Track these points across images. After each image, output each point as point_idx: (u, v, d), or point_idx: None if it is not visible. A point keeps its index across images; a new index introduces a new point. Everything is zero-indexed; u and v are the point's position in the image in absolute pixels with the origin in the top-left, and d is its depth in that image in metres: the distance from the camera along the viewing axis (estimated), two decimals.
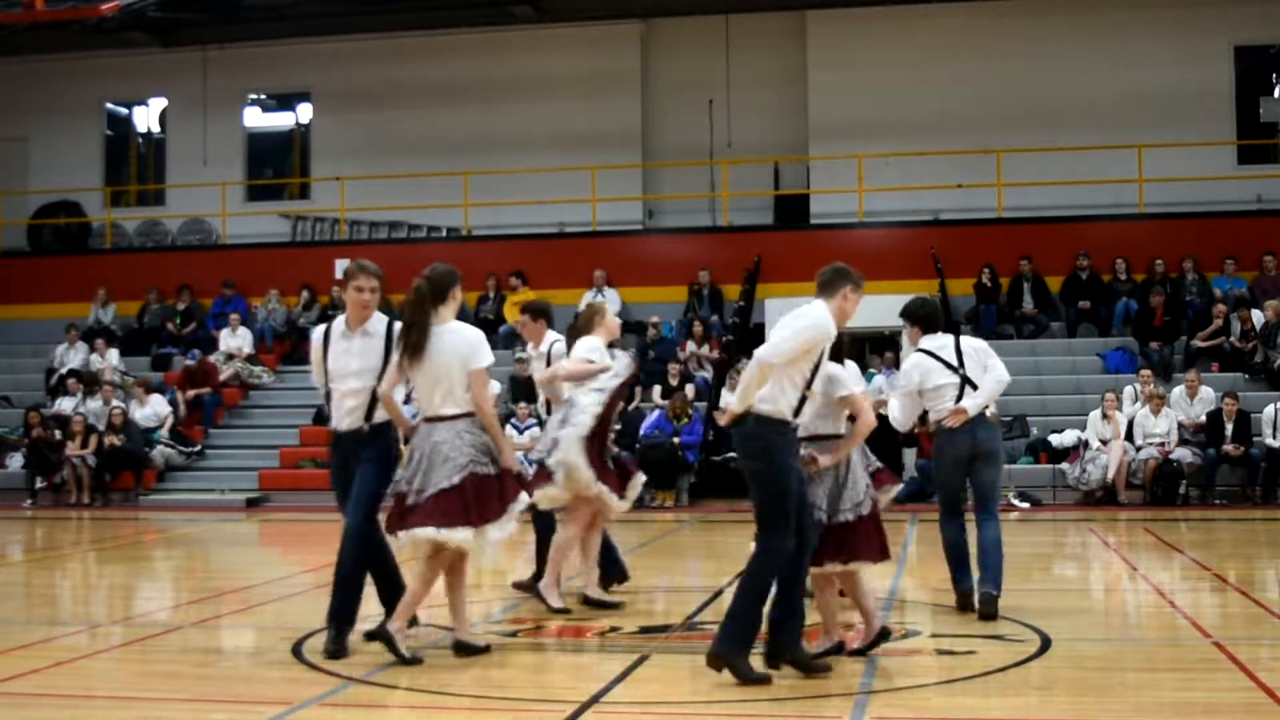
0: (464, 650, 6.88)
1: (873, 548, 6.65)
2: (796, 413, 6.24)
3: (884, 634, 6.87)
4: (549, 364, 8.52)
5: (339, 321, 7.02)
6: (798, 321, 6.25)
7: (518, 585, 9.09)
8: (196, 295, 21.96)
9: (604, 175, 21.49)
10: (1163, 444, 16.14)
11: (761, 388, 6.13)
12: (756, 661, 6.25)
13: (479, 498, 6.55)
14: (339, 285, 7.23)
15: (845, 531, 6.58)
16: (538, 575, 9.02)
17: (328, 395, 7.02)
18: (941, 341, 8.17)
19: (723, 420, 6.56)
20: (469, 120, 22.64)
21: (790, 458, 6.24)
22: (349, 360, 6.92)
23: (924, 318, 8.24)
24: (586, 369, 8.17)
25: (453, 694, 6.19)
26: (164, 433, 18.99)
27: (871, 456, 7.93)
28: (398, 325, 6.94)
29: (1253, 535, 13.72)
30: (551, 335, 8.69)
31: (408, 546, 6.66)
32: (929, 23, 21.47)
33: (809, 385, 6.25)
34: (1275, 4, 20.62)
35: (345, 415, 6.95)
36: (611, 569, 8.87)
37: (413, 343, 6.64)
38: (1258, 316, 18.18)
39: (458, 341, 6.70)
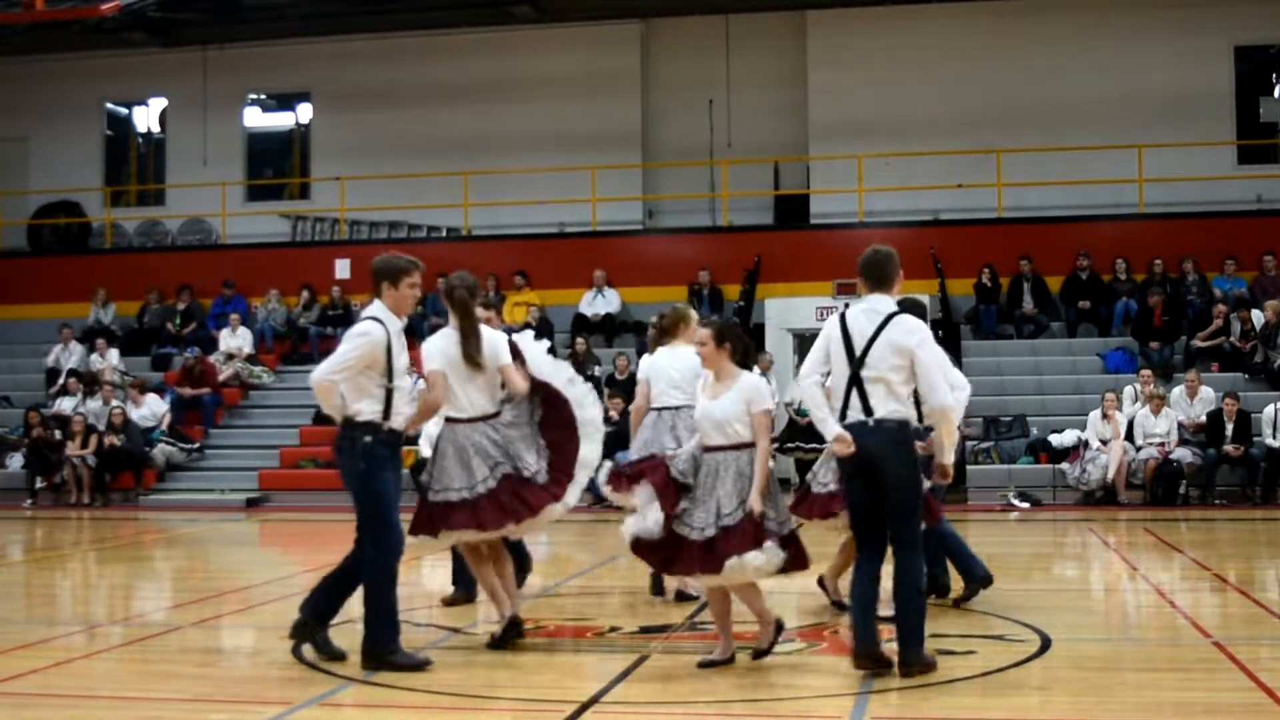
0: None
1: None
2: None
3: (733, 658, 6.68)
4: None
5: (394, 320, 6.82)
6: (925, 347, 6.23)
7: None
8: (196, 295, 21.95)
9: (604, 175, 21.48)
10: (1163, 444, 16.14)
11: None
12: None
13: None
14: (389, 282, 6.85)
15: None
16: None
17: (389, 394, 6.71)
18: None
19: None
20: (469, 120, 22.63)
21: None
22: (402, 358, 6.87)
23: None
24: None
25: (453, 694, 6.19)
26: (163, 429, 19.00)
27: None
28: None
29: (1253, 535, 13.72)
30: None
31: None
32: (929, 23, 21.46)
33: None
34: (1275, 4, 20.61)
35: (407, 414, 6.90)
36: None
37: (478, 350, 7.05)
38: (1258, 316, 18.18)
39: (488, 343, 7.15)
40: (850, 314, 6.38)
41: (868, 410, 6.21)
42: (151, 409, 19.18)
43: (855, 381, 6.25)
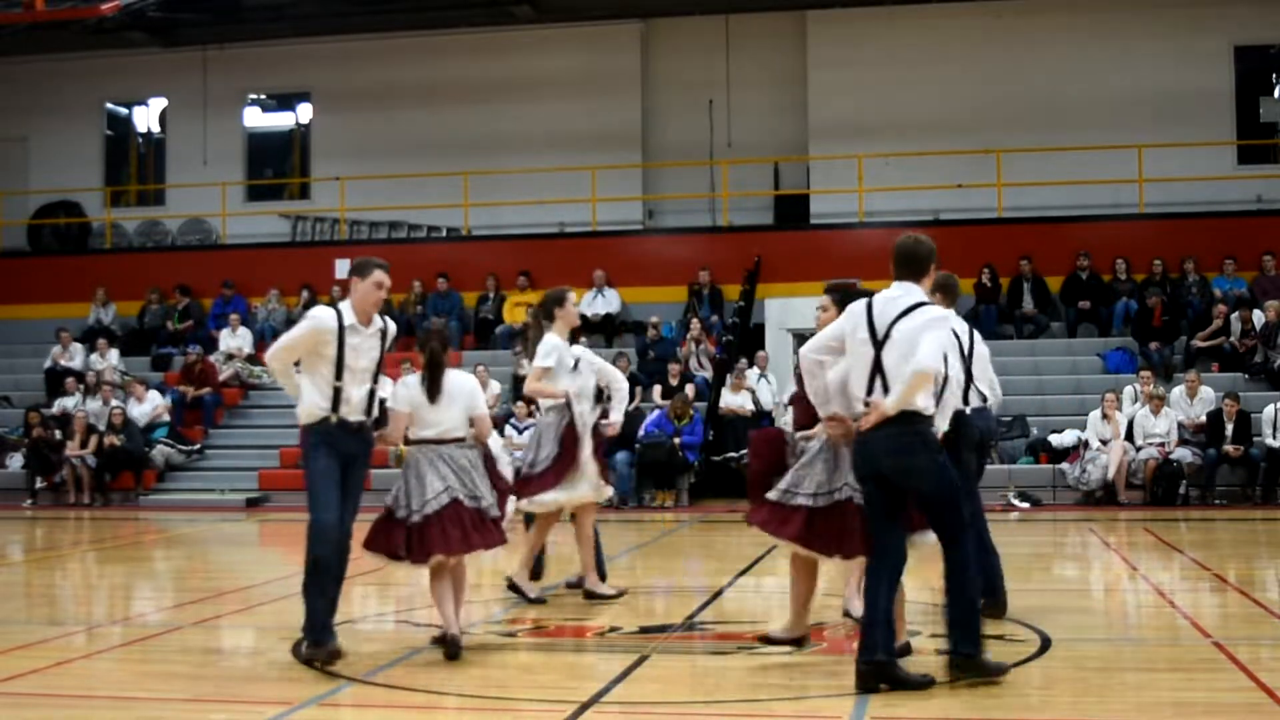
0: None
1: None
2: None
3: None
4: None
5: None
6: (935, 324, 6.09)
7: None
8: (196, 295, 21.96)
9: (604, 175, 21.48)
10: (1163, 444, 16.14)
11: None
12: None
13: None
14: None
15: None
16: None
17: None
18: None
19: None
20: (469, 120, 22.65)
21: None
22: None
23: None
24: None
25: (453, 694, 6.19)
26: (164, 415, 19.00)
27: None
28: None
29: (1253, 535, 13.72)
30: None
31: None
32: (929, 23, 21.47)
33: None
34: (1275, 4, 20.64)
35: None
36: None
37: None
38: (1258, 316, 18.18)
39: None
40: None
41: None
42: (153, 403, 19.19)
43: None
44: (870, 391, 6.08)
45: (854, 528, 6.35)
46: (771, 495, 6.56)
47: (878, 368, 6.06)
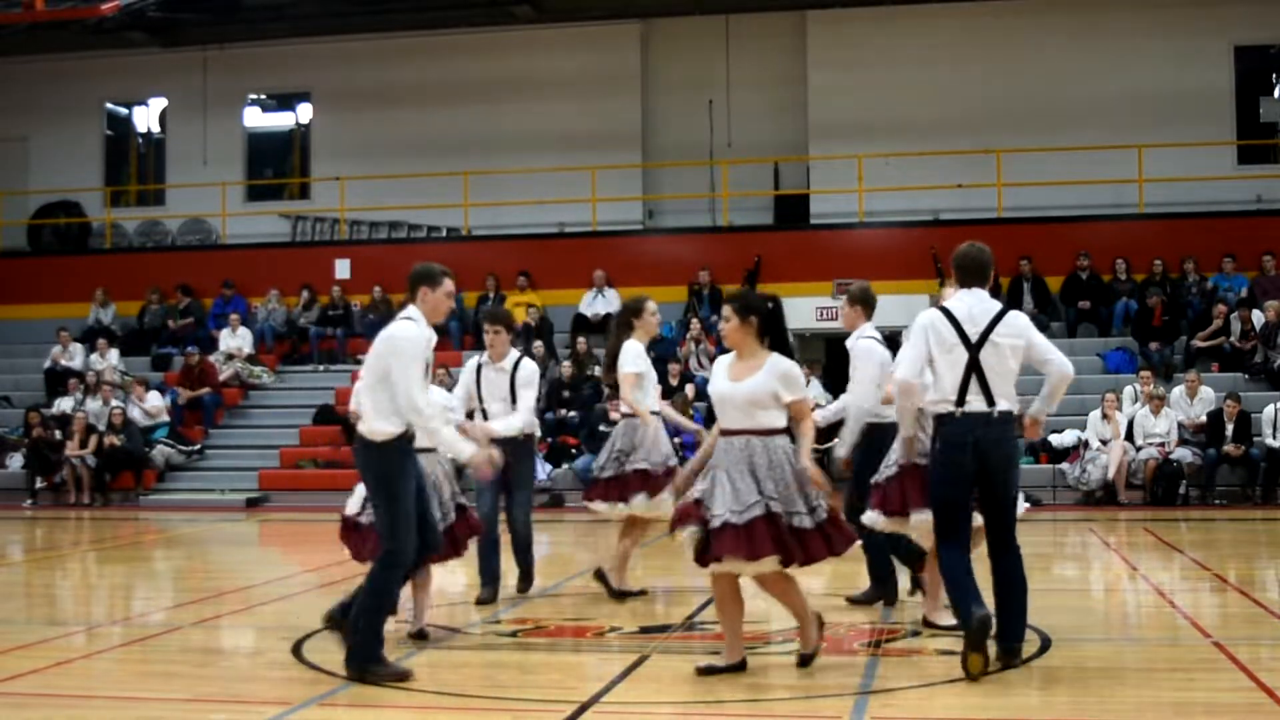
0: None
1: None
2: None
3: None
4: None
5: None
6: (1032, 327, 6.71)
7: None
8: (196, 295, 21.96)
9: (604, 175, 21.48)
10: (1163, 444, 16.14)
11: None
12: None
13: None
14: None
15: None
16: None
17: None
18: None
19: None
20: (469, 120, 22.63)
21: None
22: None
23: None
24: None
25: (453, 694, 6.19)
26: (164, 415, 19.00)
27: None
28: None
29: (1253, 535, 13.72)
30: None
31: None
32: (929, 23, 21.46)
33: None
34: (1275, 4, 20.62)
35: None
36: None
37: None
38: (1258, 316, 18.18)
39: None
40: None
41: None
42: (153, 403, 19.20)
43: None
44: (965, 392, 6.32)
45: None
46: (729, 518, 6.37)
47: (973, 369, 6.36)
